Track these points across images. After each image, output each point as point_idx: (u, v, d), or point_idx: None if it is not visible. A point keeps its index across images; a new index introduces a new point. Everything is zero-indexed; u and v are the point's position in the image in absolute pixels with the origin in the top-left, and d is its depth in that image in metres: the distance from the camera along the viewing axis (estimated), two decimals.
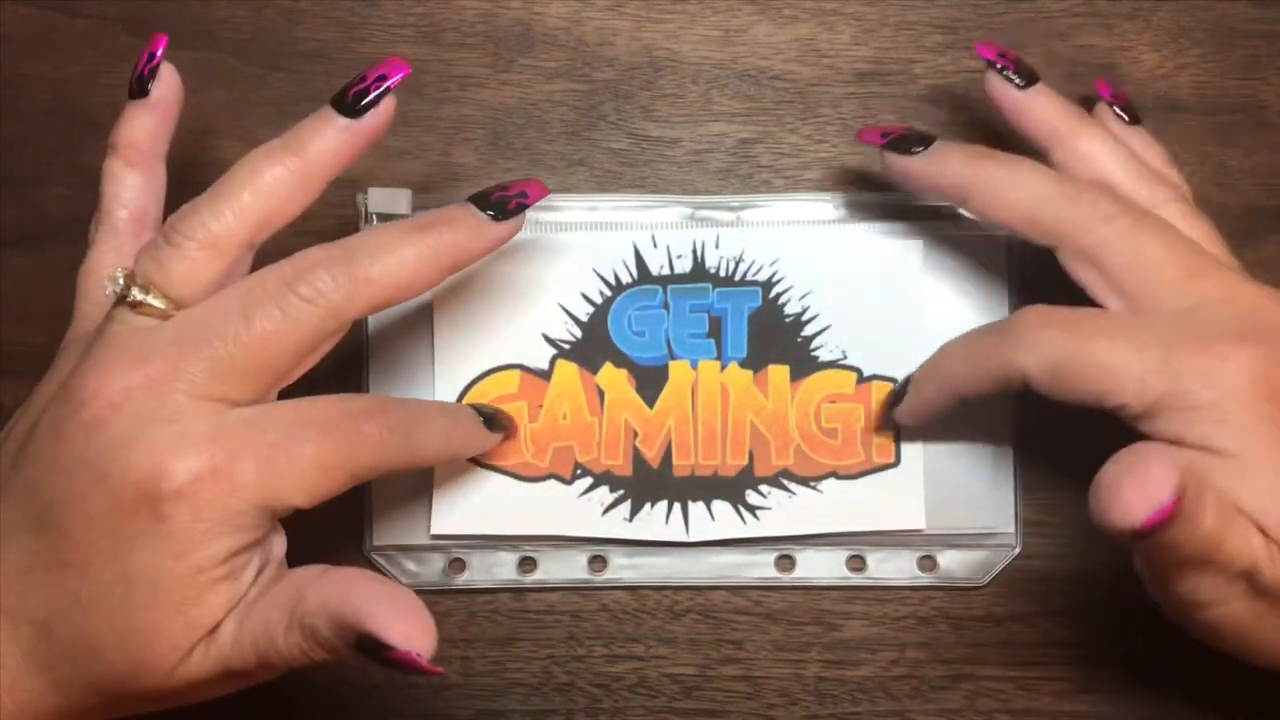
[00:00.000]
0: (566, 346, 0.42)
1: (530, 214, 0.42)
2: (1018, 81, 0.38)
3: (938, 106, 0.43)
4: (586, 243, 0.42)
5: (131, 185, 0.37)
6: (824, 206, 0.42)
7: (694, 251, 0.42)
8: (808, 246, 0.42)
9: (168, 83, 0.38)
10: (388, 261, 0.33)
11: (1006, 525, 0.41)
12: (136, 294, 0.33)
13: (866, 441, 0.41)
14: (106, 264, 0.37)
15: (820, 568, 0.42)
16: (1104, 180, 0.37)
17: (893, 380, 0.41)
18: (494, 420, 0.39)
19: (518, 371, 0.42)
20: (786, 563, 0.42)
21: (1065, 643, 0.41)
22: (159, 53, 0.38)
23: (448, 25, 0.44)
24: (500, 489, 0.41)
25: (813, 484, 0.41)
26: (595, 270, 0.42)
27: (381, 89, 0.35)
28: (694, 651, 0.42)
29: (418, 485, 0.41)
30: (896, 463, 0.41)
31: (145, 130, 0.37)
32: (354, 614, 0.31)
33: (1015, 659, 0.42)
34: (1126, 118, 0.40)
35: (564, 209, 0.42)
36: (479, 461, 0.41)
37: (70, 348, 0.36)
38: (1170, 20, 0.43)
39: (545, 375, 0.42)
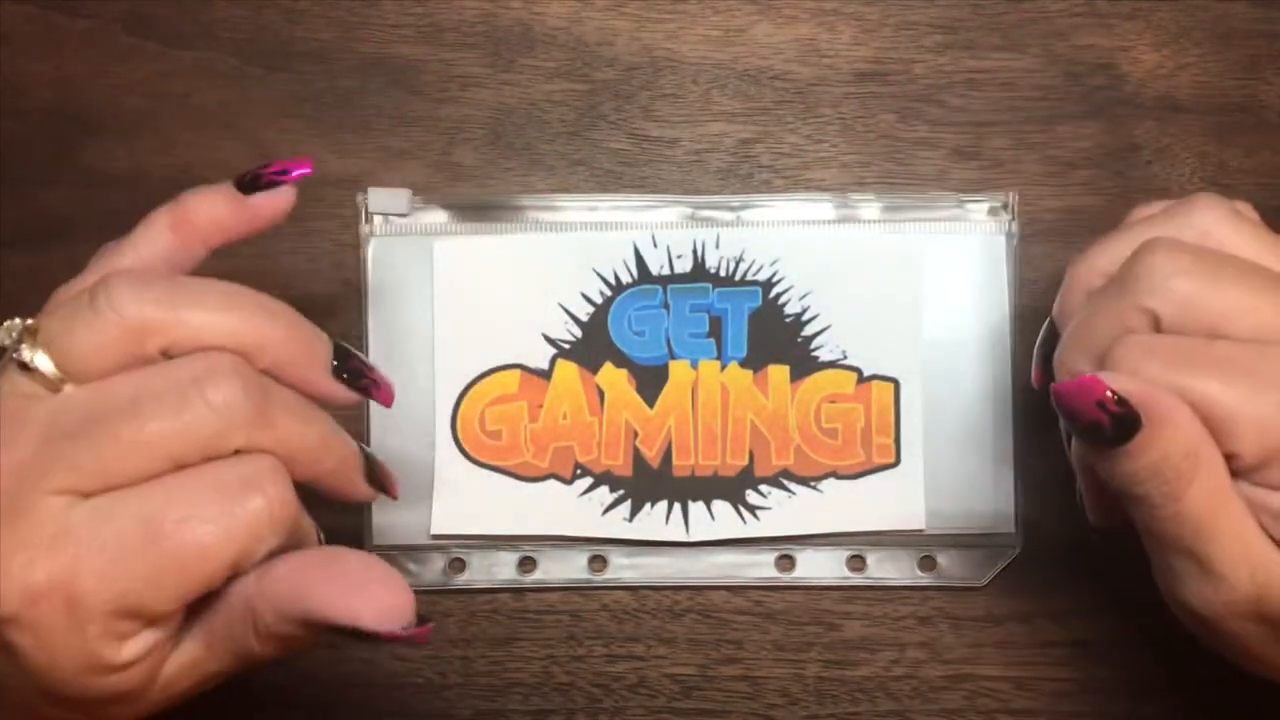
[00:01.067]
0: (566, 346, 0.42)
1: (530, 214, 0.42)
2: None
3: (938, 106, 0.43)
4: (586, 243, 0.42)
5: (159, 247, 0.34)
6: (824, 206, 0.42)
7: (694, 251, 0.42)
8: (808, 246, 0.42)
9: (275, 203, 0.35)
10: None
11: (1006, 525, 0.41)
12: (26, 353, 0.29)
13: (866, 441, 0.41)
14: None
15: (820, 568, 0.42)
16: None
17: (893, 380, 0.41)
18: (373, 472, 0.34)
19: (518, 371, 0.42)
20: (786, 563, 0.42)
21: (1065, 643, 0.41)
22: (294, 174, 0.35)
23: (448, 25, 0.44)
24: (500, 489, 0.41)
25: (813, 484, 0.41)
26: (595, 270, 0.42)
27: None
28: (694, 651, 0.42)
29: (418, 485, 0.41)
30: (896, 463, 0.41)
31: (214, 218, 0.34)
32: (317, 611, 0.29)
33: (1015, 659, 0.42)
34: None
35: (564, 209, 0.42)
36: (479, 461, 0.41)
37: None
38: (1170, 20, 0.43)
39: (545, 375, 0.42)
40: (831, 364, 0.42)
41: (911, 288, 0.42)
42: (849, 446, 0.42)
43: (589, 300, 0.42)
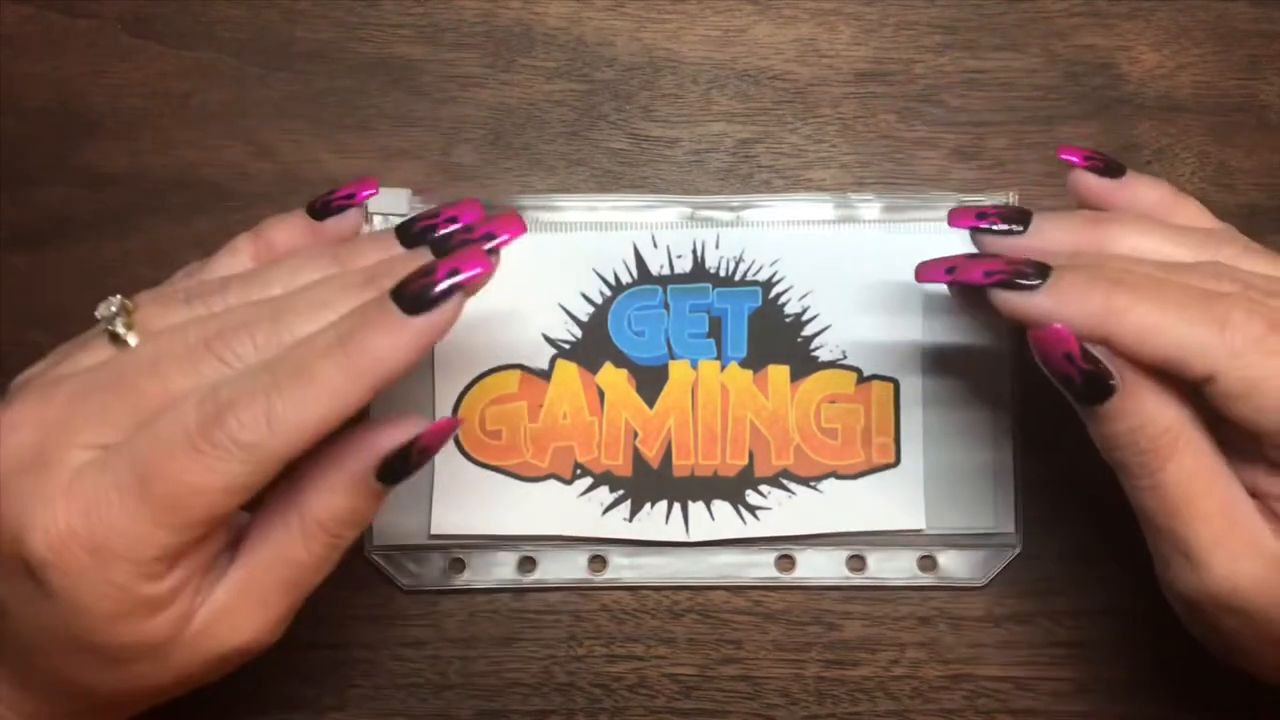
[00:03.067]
0: (566, 346, 0.42)
1: (530, 214, 0.42)
2: (1015, 229, 0.35)
3: (938, 106, 0.43)
4: (586, 243, 0.42)
5: (239, 268, 0.35)
6: (824, 206, 0.42)
7: (694, 251, 0.42)
8: (808, 246, 0.42)
9: (345, 226, 0.36)
10: (319, 316, 0.31)
11: (1006, 525, 0.41)
12: (119, 327, 0.32)
13: (866, 441, 0.42)
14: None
15: (820, 568, 0.42)
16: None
17: (893, 380, 0.41)
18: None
19: (518, 371, 0.42)
20: (786, 563, 0.42)
21: (1065, 643, 0.41)
22: (360, 196, 0.37)
23: (448, 25, 0.44)
24: (500, 489, 0.41)
25: (813, 484, 0.41)
26: (595, 270, 0.42)
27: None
28: (694, 651, 0.42)
29: (417, 485, 0.41)
30: (896, 463, 0.41)
31: (292, 243, 0.36)
32: (364, 456, 0.32)
33: (1015, 659, 0.42)
34: (1113, 173, 0.37)
35: (564, 209, 0.42)
36: (479, 461, 0.41)
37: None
38: (1170, 20, 0.43)
39: (545, 375, 0.42)
40: (831, 364, 0.42)
41: (911, 288, 0.42)
42: (849, 446, 0.42)
43: (589, 300, 0.42)
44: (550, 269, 0.42)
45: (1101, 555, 0.41)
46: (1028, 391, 0.42)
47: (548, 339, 0.42)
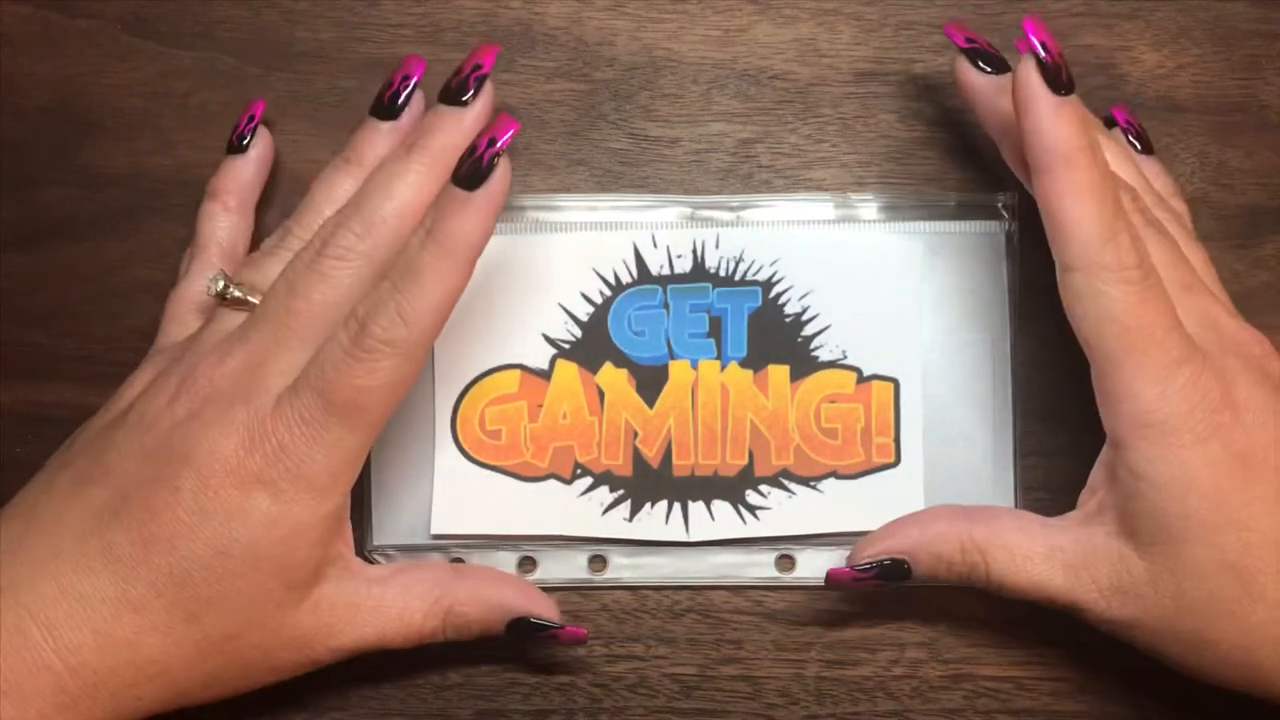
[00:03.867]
0: (566, 346, 0.42)
1: (530, 214, 0.42)
2: (1060, 90, 0.35)
3: (938, 106, 0.43)
4: (586, 243, 0.42)
5: (224, 226, 0.41)
6: (824, 206, 0.42)
7: (694, 251, 0.42)
8: (808, 246, 0.42)
9: (263, 141, 0.42)
10: (393, 190, 0.37)
11: None
12: (235, 291, 0.38)
13: (866, 441, 0.41)
14: (198, 289, 0.40)
15: (820, 568, 0.42)
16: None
17: (893, 380, 0.41)
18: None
19: (518, 371, 0.42)
20: (786, 563, 0.42)
21: (1065, 643, 0.41)
22: (258, 115, 0.42)
23: (448, 25, 0.44)
24: (500, 489, 0.41)
25: (813, 484, 0.41)
26: (595, 270, 0.42)
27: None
28: (694, 651, 0.42)
29: (418, 485, 0.41)
30: (896, 463, 0.41)
31: (240, 181, 0.41)
32: (509, 605, 0.39)
33: (1015, 659, 0.42)
34: (1140, 146, 0.42)
35: (564, 209, 0.42)
36: (479, 461, 0.41)
37: (155, 358, 0.39)
38: (1170, 20, 0.43)
39: (545, 375, 0.42)
40: (831, 364, 0.42)
41: (911, 288, 0.42)
42: (849, 446, 0.42)
43: (589, 300, 0.42)
44: (550, 269, 0.42)
45: None
46: (1028, 391, 0.42)
47: (548, 339, 0.42)
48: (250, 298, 0.38)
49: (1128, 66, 0.43)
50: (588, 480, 0.41)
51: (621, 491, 0.41)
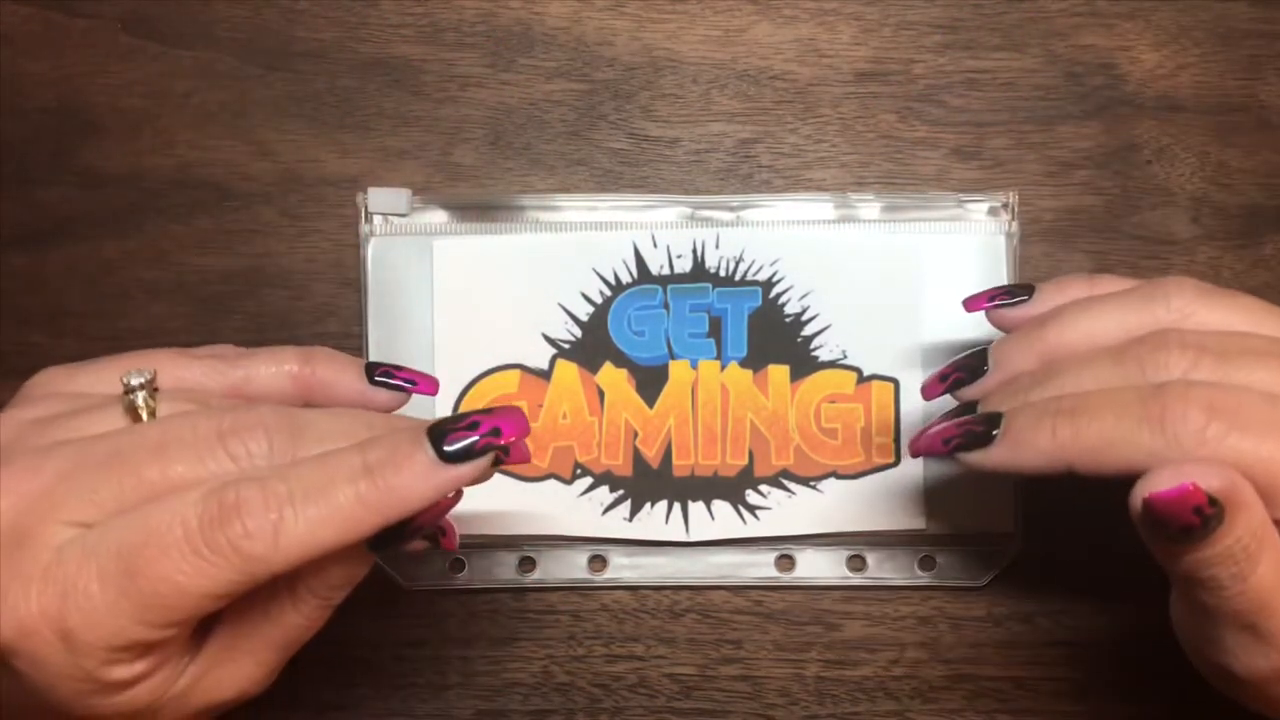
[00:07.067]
0: (566, 346, 0.42)
1: (530, 214, 0.42)
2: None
3: (938, 106, 0.43)
4: (586, 243, 0.42)
5: (274, 383, 0.35)
6: (824, 206, 0.42)
7: (694, 251, 0.42)
8: (808, 246, 0.42)
9: (392, 401, 0.36)
10: (322, 499, 0.29)
11: (1006, 525, 0.41)
12: (141, 403, 0.31)
13: (866, 441, 0.41)
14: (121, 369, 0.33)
15: (820, 568, 0.42)
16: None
17: (893, 380, 0.41)
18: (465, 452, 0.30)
19: (518, 371, 0.42)
20: (786, 563, 0.42)
21: (1065, 643, 0.41)
22: (418, 387, 0.36)
23: (448, 25, 0.44)
24: (500, 489, 0.41)
25: (813, 484, 0.41)
26: (595, 270, 0.42)
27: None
28: (694, 651, 0.42)
29: None
30: (896, 463, 0.41)
31: (331, 388, 0.35)
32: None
33: (1015, 659, 0.42)
34: (1025, 294, 0.36)
35: (564, 209, 0.42)
36: None
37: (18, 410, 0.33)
38: (1170, 20, 0.43)
39: (545, 375, 0.42)
40: (831, 364, 0.42)
41: (911, 288, 0.42)
42: (849, 446, 0.42)
43: (589, 300, 0.42)
44: (550, 269, 0.42)
45: (1101, 555, 0.41)
46: None
47: (548, 339, 0.42)
48: (144, 416, 0.31)
49: (1128, 66, 0.43)
50: (588, 480, 0.41)
51: (621, 491, 0.41)
